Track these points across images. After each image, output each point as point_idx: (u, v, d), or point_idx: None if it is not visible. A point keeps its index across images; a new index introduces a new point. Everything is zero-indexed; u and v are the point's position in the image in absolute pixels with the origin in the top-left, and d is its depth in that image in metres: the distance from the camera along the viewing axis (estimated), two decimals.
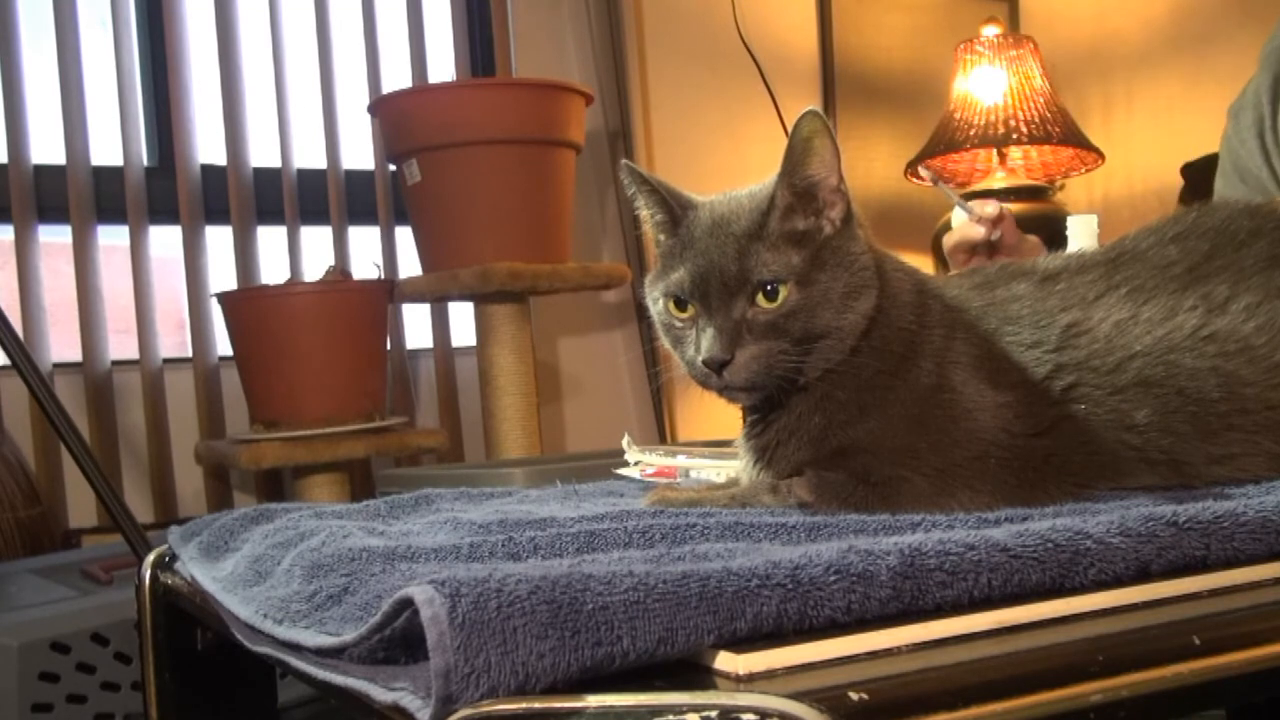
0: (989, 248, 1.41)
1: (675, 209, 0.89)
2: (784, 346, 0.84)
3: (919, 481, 0.83)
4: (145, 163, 2.59)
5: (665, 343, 0.91)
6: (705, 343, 0.84)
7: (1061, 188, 3.13)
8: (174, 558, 1.04)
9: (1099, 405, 0.86)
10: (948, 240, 1.44)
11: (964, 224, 1.42)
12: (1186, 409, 0.85)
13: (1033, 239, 1.46)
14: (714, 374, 0.84)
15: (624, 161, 0.92)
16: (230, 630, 0.80)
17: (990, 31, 3.04)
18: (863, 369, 0.86)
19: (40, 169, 2.48)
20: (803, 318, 0.84)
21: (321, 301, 2.39)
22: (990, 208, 1.40)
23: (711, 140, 3.18)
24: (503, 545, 0.76)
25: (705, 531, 0.77)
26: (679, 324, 0.88)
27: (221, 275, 2.64)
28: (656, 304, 0.90)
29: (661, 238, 0.91)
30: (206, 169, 2.65)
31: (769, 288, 0.84)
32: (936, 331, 0.88)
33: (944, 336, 0.88)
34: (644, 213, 0.92)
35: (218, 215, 2.65)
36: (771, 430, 0.89)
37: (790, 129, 0.85)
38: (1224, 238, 0.94)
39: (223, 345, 2.54)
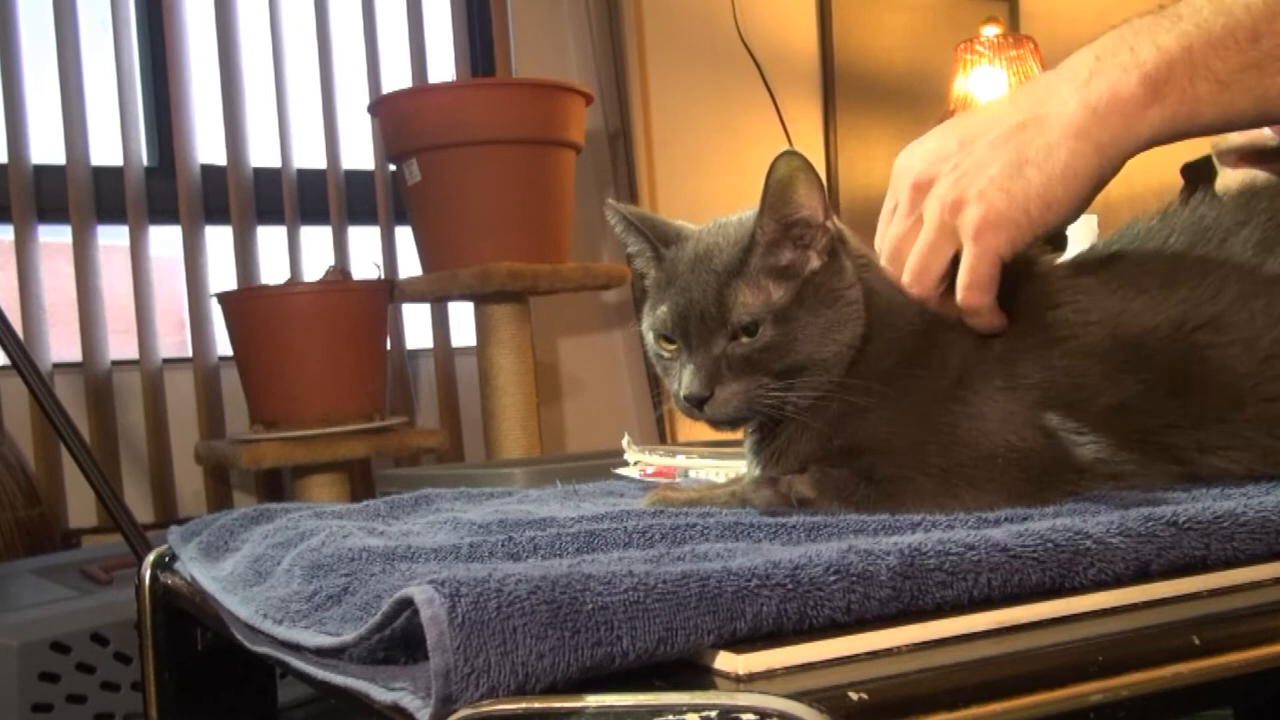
0: None
1: (657, 245, 0.91)
2: (763, 380, 0.84)
3: (923, 481, 0.83)
4: (145, 163, 2.59)
5: (658, 371, 0.92)
6: (685, 379, 0.85)
7: None
8: (174, 558, 1.04)
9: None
10: None
11: None
12: (1178, 399, 0.85)
13: None
14: (695, 409, 0.85)
15: (608, 201, 0.94)
16: (230, 630, 0.80)
17: (990, 31, 3.04)
18: (855, 395, 0.85)
19: (40, 169, 2.48)
20: (780, 352, 0.84)
21: (321, 301, 2.39)
22: None
23: (711, 140, 3.17)
24: (503, 545, 0.76)
25: (705, 531, 0.77)
26: (666, 355, 0.89)
27: (221, 275, 2.65)
28: (646, 336, 0.92)
29: (650, 272, 0.92)
30: (206, 169, 2.65)
31: (747, 325, 0.84)
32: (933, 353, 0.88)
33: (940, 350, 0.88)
34: (631, 249, 0.93)
35: (218, 215, 2.65)
36: (779, 438, 0.89)
37: (768, 170, 0.84)
38: (1215, 228, 0.94)
39: (223, 345, 2.54)
